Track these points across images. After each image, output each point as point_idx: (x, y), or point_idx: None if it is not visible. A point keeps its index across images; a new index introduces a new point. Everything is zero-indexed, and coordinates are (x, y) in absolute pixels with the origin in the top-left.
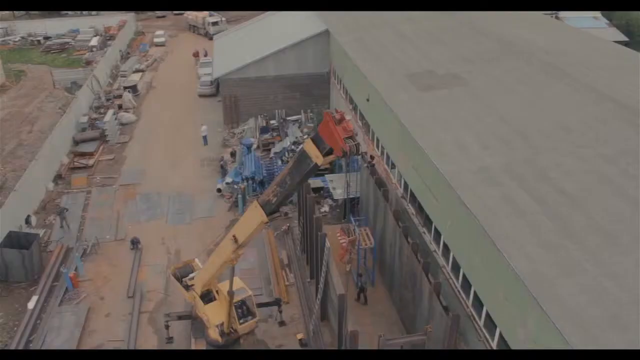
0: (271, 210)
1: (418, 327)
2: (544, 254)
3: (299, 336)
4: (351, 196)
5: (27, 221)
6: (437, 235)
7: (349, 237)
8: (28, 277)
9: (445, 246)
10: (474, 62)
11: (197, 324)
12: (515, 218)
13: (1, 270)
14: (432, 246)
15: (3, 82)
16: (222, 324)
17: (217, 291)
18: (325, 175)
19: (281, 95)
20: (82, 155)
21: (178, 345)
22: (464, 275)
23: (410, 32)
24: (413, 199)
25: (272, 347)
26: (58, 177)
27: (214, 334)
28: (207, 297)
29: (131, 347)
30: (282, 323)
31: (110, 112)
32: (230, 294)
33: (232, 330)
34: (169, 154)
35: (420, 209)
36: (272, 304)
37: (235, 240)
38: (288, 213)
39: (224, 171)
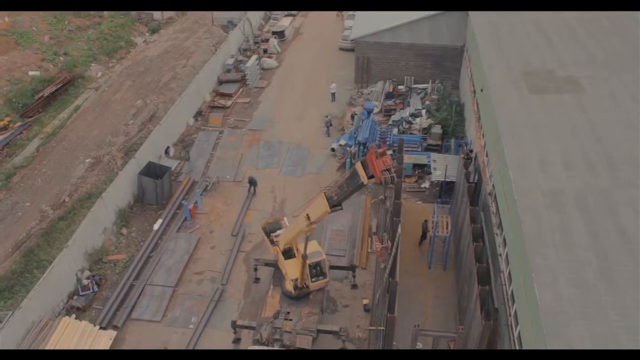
0: (333, 204)
1: (465, 321)
2: (574, 292)
3: (365, 301)
4: (449, 180)
5: (167, 152)
6: (504, 241)
7: (382, 244)
8: (158, 201)
9: (507, 255)
10: (599, 67)
11: (278, 273)
12: (563, 250)
13: (139, 193)
14: (500, 249)
15: (171, 15)
16: (296, 279)
17: (297, 249)
18: (432, 155)
19: (412, 63)
20: (223, 95)
21: (262, 286)
22: (512, 288)
23: (548, 21)
24: (496, 199)
25: (340, 306)
26: (198, 114)
27: (289, 286)
28: (288, 253)
29: (224, 280)
30: (354, 286)
31: (254, 57)
32: (304, 257)
33: (305, 286)
34: (298, 105)
35: (498, 211)
36: (347, 268)
37: (308, 218)
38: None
39: (327, 130)
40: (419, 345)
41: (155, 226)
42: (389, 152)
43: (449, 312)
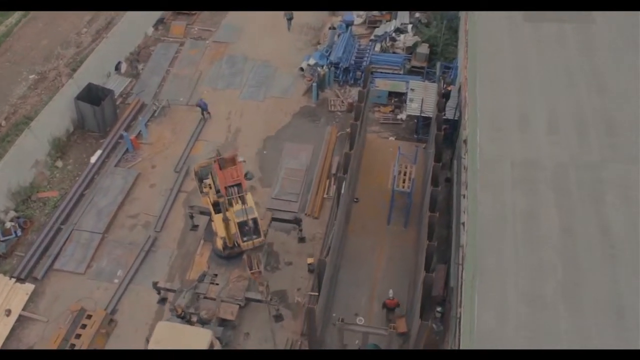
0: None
1: (414, 300)
2: (525, 312)
3: (309, 261)
4: (425, 115)
5: (117, 67)
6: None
7: (251, 269)
8: (100, 129)
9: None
10: None
11: (211, 226)
12: (524, 248)
13: (79, 118)
14: (464, 217)
15: None
16: (225, 238)
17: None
18: (411, 82)
19: None
20: None
21: (200, 234)
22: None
23: None
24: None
25: (283, 263)
26: (160, 22)
27: (218, 244)
28: (219, 206)
29: (159, 226)
30: (301, 240)
31: None
32: (225, 221)
33: (236, 245)
34: (273, 12)
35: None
36: (291, 222)
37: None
38: None
39: (288, 24)
40: (361, 320)
41: (93, 159)
42: (240, 159)
43: (403, 280)
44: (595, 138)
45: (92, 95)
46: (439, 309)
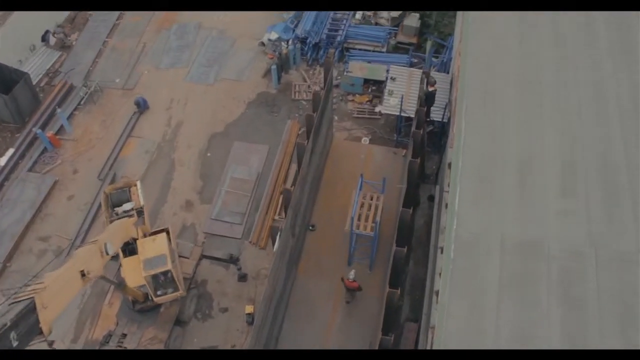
0: None
1: None
2: None
3: (248, 310)
4: (406, 115)
5: (44, 39)
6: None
7: None
8: (16, 120)
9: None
10: None
11: None
12: None
13: None
14: (438, 284)
15: None
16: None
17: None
18: (392, 68)
19: None
20: None
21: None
22: None
23: None
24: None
25: (217, 309)
26: None
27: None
28: (129, 246)
29: (74, 249)
30: (242, 277)
31: None
32: (121, 285)
33: (149, 299)
34: None
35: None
36: (226, 261)
37: None
38: None
39: None
40: None
41: (3, 160)
42: None
43: (363, 337)
44: (630, 208)
45: (4, 77)
46: None
